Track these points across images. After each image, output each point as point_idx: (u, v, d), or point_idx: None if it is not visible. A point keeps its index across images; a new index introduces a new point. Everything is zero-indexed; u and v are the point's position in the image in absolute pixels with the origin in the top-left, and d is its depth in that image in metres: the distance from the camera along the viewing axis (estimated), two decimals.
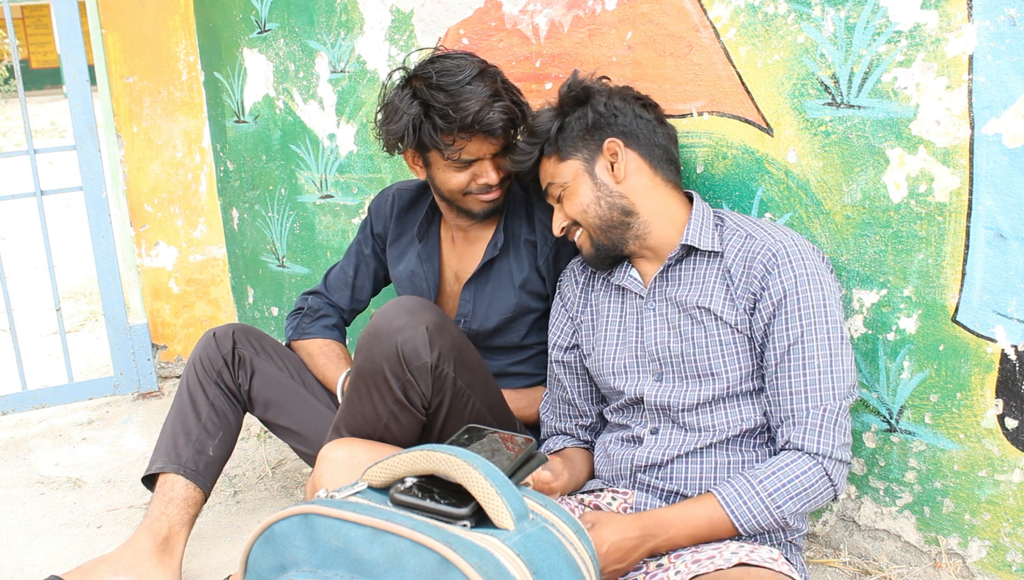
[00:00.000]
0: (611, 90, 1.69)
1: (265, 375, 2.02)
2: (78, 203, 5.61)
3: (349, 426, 1.69)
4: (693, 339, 1.57)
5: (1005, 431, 1.58)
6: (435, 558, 1.05)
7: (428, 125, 1.78)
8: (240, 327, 2.06)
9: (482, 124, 1.75)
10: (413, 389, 1.62)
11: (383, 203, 2.12)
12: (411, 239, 2.07)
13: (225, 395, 2.01)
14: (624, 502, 1.62)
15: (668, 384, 1.60)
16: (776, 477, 1.46)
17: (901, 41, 1.56)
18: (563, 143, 1.66)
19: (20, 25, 24.06)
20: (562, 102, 1.69)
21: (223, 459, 2.01)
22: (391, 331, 1.61)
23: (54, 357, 3.52)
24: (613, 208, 1.63)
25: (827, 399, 1.48)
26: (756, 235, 1.57)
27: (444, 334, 1.64)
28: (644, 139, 1.64)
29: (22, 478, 2.53)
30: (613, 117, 1.64)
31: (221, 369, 2.00)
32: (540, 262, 1.93)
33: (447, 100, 1.75)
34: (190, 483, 1.93)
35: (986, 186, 1.52)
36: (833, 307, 1.52)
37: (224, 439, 2.00)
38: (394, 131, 1.83)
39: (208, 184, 3.18)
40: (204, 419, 1.98)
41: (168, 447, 1.96)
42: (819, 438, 1.47)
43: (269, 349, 2.06)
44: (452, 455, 1.17)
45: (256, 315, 3.15)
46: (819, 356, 1.49)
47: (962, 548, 1.68)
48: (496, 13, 2.12)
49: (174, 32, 3.05)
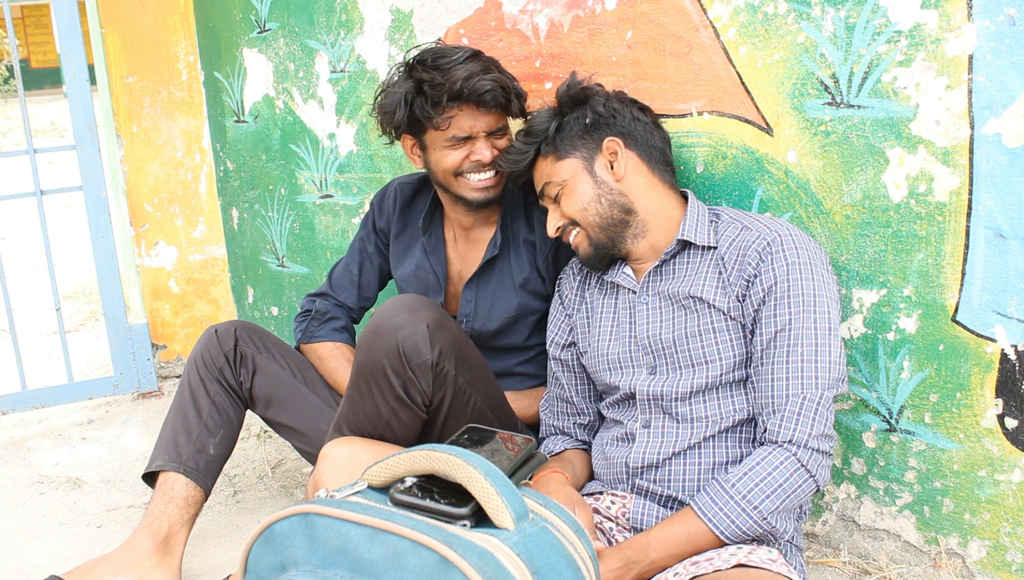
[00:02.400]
0: (608, 93, 1.71)
1: (267, 373, 2.02)
2: (78, 203, 5.62)
3: (350, 424, 1.69)
4: (686, 327, 1.58)
5: (1005, 431, 1.58)
6: (435, 558, 1.05)
7: (420, 99, 1.80)
8: (242, 324, 2.06)
9: (471, 92, 1.77)
10: (414, 386, 1.62)
11: (385, 198, 2.12)
12: (414, 234, 2.07)
13: (227, 392, 2.00)
14: (623, 506, 1.62)
15: (661, 375, 1.61)
16: (748, 477, 1.45)
17: (901, 41, 1.56)
18: (561, 142, 1.66)
19: (20, 25, 24.06)
20: (560, 102, 1.70)
21: (224, 457, 2.00)
22: (392, 328, 1.61)
23: (54, 357, 3.52)
24: (613, 205, 1.63)
25: (808, 388, 1.47)
26: (752, 226, 1.58)
27: (445, 331, 1.64)
28: (642, 140, 1.66)
29: (22, 478, 2.53)
30: (612, 117, 1.65)
31: (223, 366, 2.00)
32: (539, 262, 1.93)
33: (435, 75, 1.79)
34: (190, 482, 1.93)
35: (986, 186, 1.52)
36: (824, 298, 1.51)
37: (225, 437, 1.99)
38: (387, 105, 1.85)
39: (208, 184, 3.18)
40: (205, 417, 1.97)
41: (168, 445, 1.96)
42: (795, 426, 1.45)
43: (271, 347, 2.06)
44: (452, 455, 1.17)
45: (256, 315, 3.15)
46: (804, 344, 1.48)
47: (962, 548, 1.68)
48: (496, 13, 2.12)
49: (174, 32, 3.05)
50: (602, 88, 1.73)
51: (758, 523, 1.44)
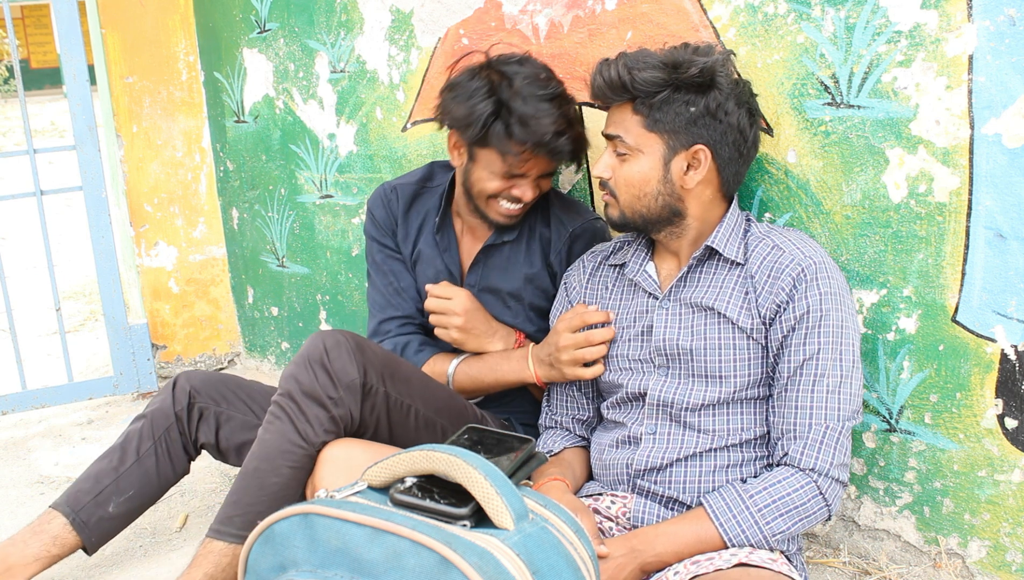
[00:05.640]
0: (734, 83, 1.57)
1: (232, 423, 1.98)
2: (78, 203, 5.61)
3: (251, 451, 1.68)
4: (705, 338, 1.56)
5: (1005, 431, 1.58)
6: (435, 558, 1.05)
7: (500, 126, 1.75)
8: (202, 379, 2.00)
9: (552, 149, 1.75)
10: (343, 406, 1.63)
11: (390, 199, 2.06)
12: (419, 234, 2.03)
13: (162, 454, 1.95)
14: (623, 506, 1.61)
15: (674, 381, 1.59)
16: (768, 492, 1.46)
17: (901, 41, 1.56)
18: (659, 114, 1.53)
19: (20, 25, 24.06)
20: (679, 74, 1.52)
21: (126, 517, 1.93)
22: (319, 353, 1.63)
23: (54, 357, 3.52)
24: (666, 207, 1.58)
25: (831, 418, 1.48)
26: (784, 247, 1.55)
27: (368, 352, 1.67)
28: (730, 155, 1.57)
29: (22, 478, 2.53)
30: (718, 121, 1.54)
31: (171, 426, 1.95)
32: (552, 257, 1.92)
33: (526, 111, 1.73)
34: (72, 529, 1.87)
35: (986, 186, 1.52)
36: (851, 329, 1.52)
37: (136, 497, 1.93)
38: (459, 116, 1.80)
39: (208, 184, 3.18)
40: (121, 473, 1.92)
41: (75, 489, 1.91)
42: (817, 454, 1.46)
43: (234, 394, 2.00)
44: (452, 455, 1.17)
45: (256, 315, 3.15)
46: (831, 375, 1.48)
47: (962, 548, 1.68)
48: (496, 13, 2.12)
49: (174, 32, 3.05)
50: (730, 69, 1.58)
51: (765, 539, 1.45)
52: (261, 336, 3.16)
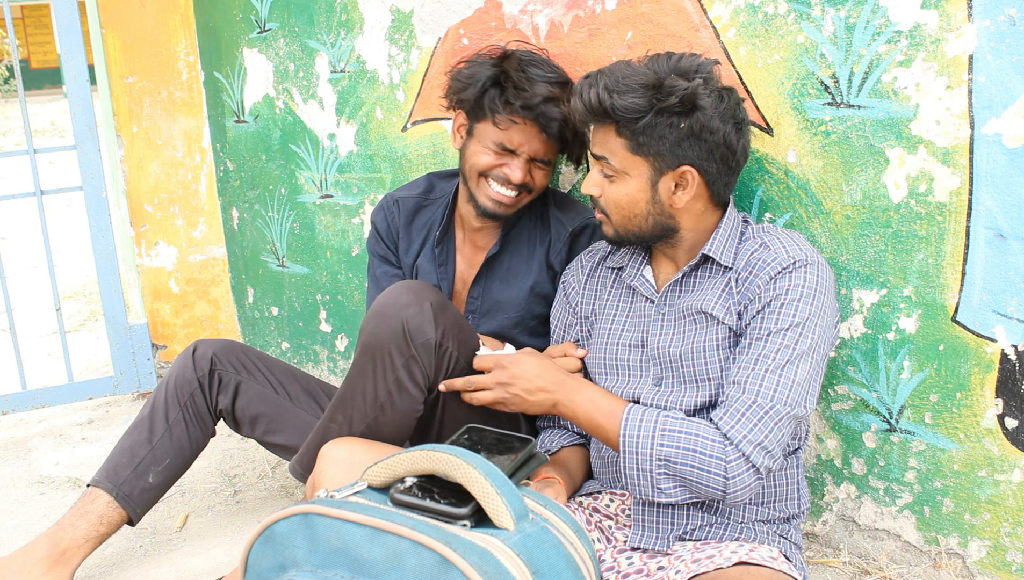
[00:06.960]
0: (718, 99, 1.51)
1: (249, 393, 2.01)
2: (78, 203, 5.62)
3: (344, 405, 1.69)
4: (692, 343, 1.56)
5: (1005, 431, 1.58)
6: (435, 558, 1.05)
7: (495, 90, 1.81)
8: (223, 344, 2.04)
9: (542, 113, 1.78)
10: (417, 365, 1.64)
11: (391, 212, 2.09)
12: (421, 247, 2.05)
13: (190, 419, 1.99)
14: (622, 503, 1.62)
15: (667, 389, 1.59)
16: (680, 424, 1.44)
17: (901, 41, 1.56)
18: (643, 137, 1.51)
19: (20, 25, 24.07)
20: (660, 98, 1.49)
21: (165, 485, 1.99)
22: (397, 307, 1.63)
23: (54, 357, 3.52)
24: (657, 225, 1.58)
25: (763, 396, 1.43)
26: (771, 245, 1.53)
27: (447, 313, 1.67)
28: (718, 171, 1.54)
29: (22, 478, 2.53)
30: (702, 141, 1.51)
31: (194, 391, 1.99)
32: (553, 257, 1.93)
33: (522, 77, 1.80)
34: (115, 503, 1.92)
35: (986, 186, 1.52)
36: (816, 324, 1.47)
37: (172, 465, 1.98)
38: (463, 76, 1.87)
39: (208, 184, 3.18)
40: (155, 443, 1.96)
41: (112, 464, 1.95)
42: (735, 422, 1.42)
43: (254, 364, 2.04)
44: (452, 455, 1.17)
45: (256, 315, 3.15)
46: (775, 357, 1.45)
47: (962, 548, 1.68)
48: (496, 13, 2.12)
49: (174, 32, 3.05)
50: (714, 83, 1.53)
51: (650, 457, 1.44)
52: (261, 336, 3.16)
